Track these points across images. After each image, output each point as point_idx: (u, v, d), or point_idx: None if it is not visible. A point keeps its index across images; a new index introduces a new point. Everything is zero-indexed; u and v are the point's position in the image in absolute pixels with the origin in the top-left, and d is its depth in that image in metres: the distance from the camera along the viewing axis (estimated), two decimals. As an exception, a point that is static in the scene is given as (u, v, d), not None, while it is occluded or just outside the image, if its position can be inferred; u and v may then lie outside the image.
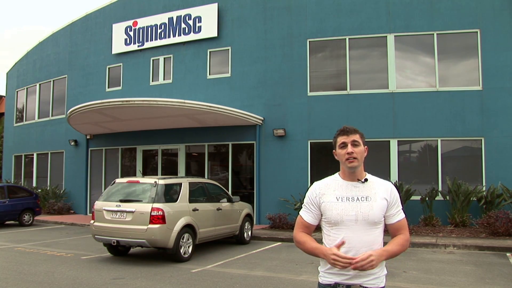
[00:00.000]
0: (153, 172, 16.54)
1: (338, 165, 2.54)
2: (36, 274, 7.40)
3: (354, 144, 2.46)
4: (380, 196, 2.45)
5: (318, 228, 2.58)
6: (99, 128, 16.59)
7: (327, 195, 2.49)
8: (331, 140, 2.62)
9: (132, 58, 17.10)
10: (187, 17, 15.81)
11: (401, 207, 2.53)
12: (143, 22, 16.73)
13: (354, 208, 2.41)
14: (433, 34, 13.02)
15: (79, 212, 18.07)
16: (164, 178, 8.99)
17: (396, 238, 2.50)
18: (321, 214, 2.52)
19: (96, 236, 8.79)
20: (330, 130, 12.83)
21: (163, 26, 16.27)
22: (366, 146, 2.54)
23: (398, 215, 2.51)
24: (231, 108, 13.76)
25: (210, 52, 15.56)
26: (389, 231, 2.56)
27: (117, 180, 9.40)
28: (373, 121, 13.14)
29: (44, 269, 7.83)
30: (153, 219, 8.17)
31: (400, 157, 13.26)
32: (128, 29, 17.05)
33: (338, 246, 2.35)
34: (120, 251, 9.30)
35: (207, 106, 13.11)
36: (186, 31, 15.80)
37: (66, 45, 19.47)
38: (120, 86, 17.31)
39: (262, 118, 14.42)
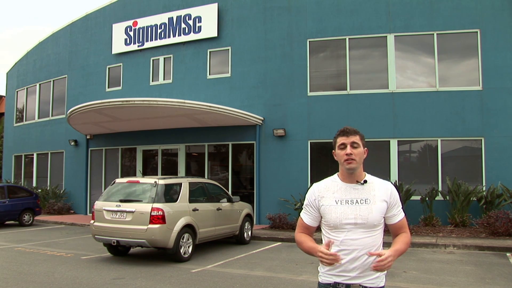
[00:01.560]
0: (153, 172, 16.54)
1: (338, 165, 2.54)
2: (36, 274, 7.40)
3: (354, 145, 2.45)
4: (379, 198, 2.45)
5: (318, 229, 2.59)
6: (99, 128, 16.59)
7: (326, 198, 2.48)
8: (331, 140, 2.62)
9: (132, 58, 17.10)
10: (187, 17, 15.81)
11: (401, 207, 2.54)
12: (143, 22, 16.72)
13: (353, 211, 2.41)
14: (433, 34, 13.02)
15: (79, 212, 18.07)
16: (164, 178, 8.99)
17: (401, 236, 2.52)
18: (321, 216, 2.53)
19: (96, 236, 8.79)
20: (330, 130, 12.88)
21: (163, 26, 16.27)
22: (366, 148, 2.53)
23: (399, 215, 2.52)
24: (231, 108, 13.76)
25: (210, 52, 15.56)
26: (390, 230, 2.57)
27: (117, 180, 9.40)
28: (373, 121, 13.13)
29: (44, 269, 7.83)
30: (153, 219, 8.17)
31: (400, 157, 13.26)
32: (128, 29, 17.05)
33: (327, 245, 2.36)
34: (120, 251, 9.30)
35: (207, 106, 13.11)
36: (186, 31, 15.80)
37: (66, 45, 19.47)
38: (120, 86, 17.31)
39: (262, 118, 14.42)
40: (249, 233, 11.17)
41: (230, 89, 15.03)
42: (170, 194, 8.82)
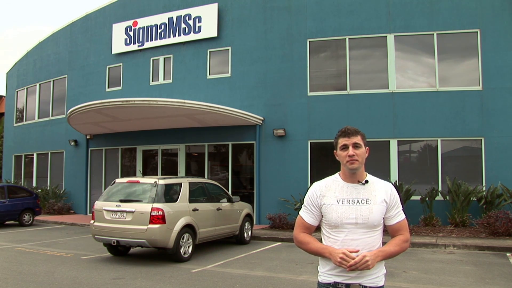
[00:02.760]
0: (153, 172, 16.54)
1: (338, 165, 2.54)
2: (36, 274, 7.40)
3: (356, 146, 2.45)
4: (380, 199, 2.45)
5: (317, 228, 2.58)
6: (99, 128, 16.59)
7: (328, 197, 2.48)
8: (331, 140, 2.61)
9: (132, 58, 17.10)
10: (187, 17, 15.81)
11: (402, 208, 2.52)
12: (143, 22, 16.72)
13: (354, 211, 2.42)
14: (433, 34, 13.02)
15: (79, 212, 18.07)
16: (164, 178, 8.99)
17: (394, 239, 2.50)
18: (322, 215, 2.52)
19: (96, 236, 8.79)
20: (330, 130, 12.90)
21: (163, 26, 16.27)
22: (367, 147, 2.54)
23: (397, 216, 2.50)
24: (231, 108, 13.76)
25: (210, 52, 15.56)
26: (389, 232, 2.56)
27: (117, 180, 9.40)
28: (373, 121, 13.14)
29: (44, 269, 7.83)
30: (153, 219, 8.17)
31: (400, 157, 13.26)
32: (128, 29, 17.05)
33: (350, 252, 2.35)
34: (120, 251, 9.30)
35: (207, 106, 13.11)
36: (186, 31, 15.80)
37: (66, 45, 19.47)
38: (120, 86, 17.31)
39: (262, 118, 14.42)
40: (249, 233, 11.17)
41: (230, 89, 15.03)
42: (170, 194, 8.82)
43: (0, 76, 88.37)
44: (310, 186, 2.61)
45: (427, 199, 12.18)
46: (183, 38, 15.87)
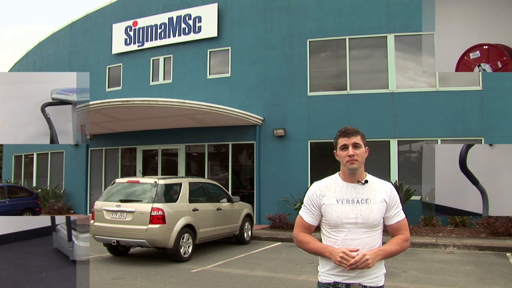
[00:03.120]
0: (153, 172, 16.53)
1: (338, 165, 2.54)
2: (36, 274, 7.39)
3: (355, 146, 2.46)
4: (379, 199, 2.46)
5: (317, 228, 2.58)
6: (99, 128, 16.59)
7: (328, 197, 2.48)
8: (331, 140, 2.62)
9: (132, 58, 17.10)
10: (187, 17, 15.81)
11: (401, 208, 2.53)
12: (143, 22, 16.72)
13: (354, 211, 2.42)
14: (433, 34, 12.99)
15: (79, 212, 18.06)
16: (164, 178, 9.00)
17: (395, 238, 2.51)
18: (321, 215, 2.52)
19: (96, 236, 8.78)
20: (330, 130, 12.83)
21: (163, 26, 16.27)
22: (367, 147, 2.54)
23: (397, 216, 2.50)
24: (231, 108, 13.75)
25: (210, 52, 15.56)
26: (389, 232, 2.56)
27: (117, 180, 9.41)
28: (373, 121, 13.13)
29: (44, 269, 7.82)
30: (153, 219, 8.17)
31: (400, 157, 13.26)
32: (128, 29, 17.05)
33: (351, 251, 2.36)
34: (120, 251, 9.31)
35: (207, 106, 13.12)
36: (186, 31, 15.80)
37: (66, 45, 19.47)
38: (120, 86, 17.31)
39: (262, 118, 14.41)
40: (249, 233, 11.17)
41: (230, 89, 15.03)
42: (170, 194, 8.82)
43: None
44: (310, 186, 2.61)
45: (427, 198, 12.16)
46: (183, 38, 15.87)
